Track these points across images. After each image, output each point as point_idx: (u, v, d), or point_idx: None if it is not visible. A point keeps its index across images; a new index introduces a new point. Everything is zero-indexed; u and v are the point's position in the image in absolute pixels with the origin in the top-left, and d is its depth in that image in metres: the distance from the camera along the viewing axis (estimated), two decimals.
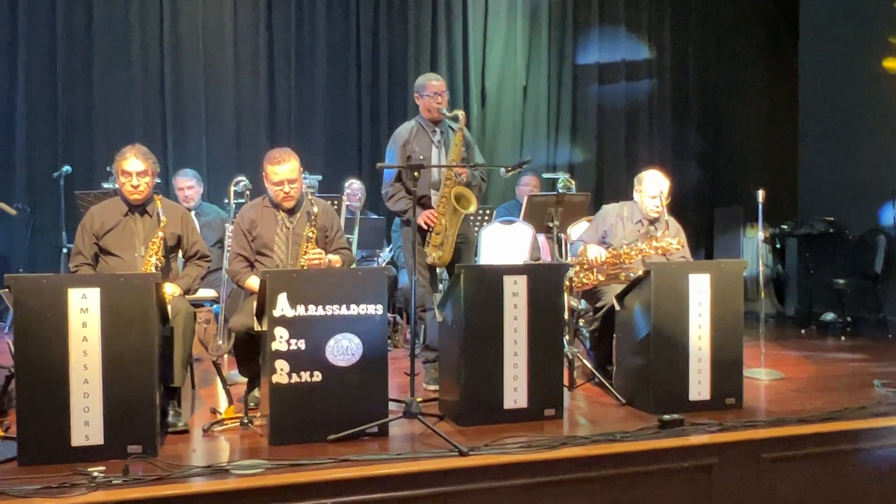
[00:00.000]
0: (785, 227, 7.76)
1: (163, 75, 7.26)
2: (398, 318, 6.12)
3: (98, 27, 7.05)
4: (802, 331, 7.04)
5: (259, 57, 7.56)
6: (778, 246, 8.12)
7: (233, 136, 7.53)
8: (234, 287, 4.87)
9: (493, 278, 3.81)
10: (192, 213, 5.82)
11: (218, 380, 4.48)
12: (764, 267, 5.23)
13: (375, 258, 6.56)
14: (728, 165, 9.39)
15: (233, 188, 5.57)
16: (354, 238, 5.96)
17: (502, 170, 4.46)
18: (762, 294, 5.25)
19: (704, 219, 9.05)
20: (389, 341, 5.99)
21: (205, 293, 5.53)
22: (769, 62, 9.35)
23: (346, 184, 6.51)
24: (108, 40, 7.11)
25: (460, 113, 4.45)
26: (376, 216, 6.89)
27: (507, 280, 3.81)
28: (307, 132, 7.71)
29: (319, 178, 5.76)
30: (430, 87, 4.53)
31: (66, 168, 6.05)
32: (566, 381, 4.41)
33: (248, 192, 5.24)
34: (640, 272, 4.16)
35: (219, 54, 7.48)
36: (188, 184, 5.83)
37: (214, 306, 5.63)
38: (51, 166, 6.71)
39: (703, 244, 9.02)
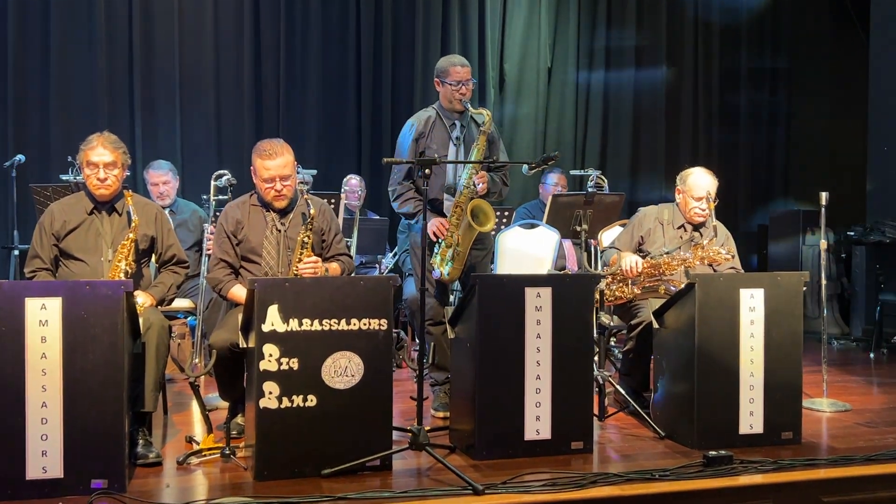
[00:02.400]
0: (852, 233, 7.77)
1: (131, 49, 7.29)
2: (402, 333, 6.16)
3: None
4: (871, 354, 7.05)
5: (243, 30, 7.60)
6: (843, 255, 8.12)
7: (212, 122, 7.58)
8: (214, 297, 4.92)
9: (512, 290, 3.85)
10: (167, 210, 5.89)
11: (194, 404, 4.53)
12: (826, 280, 5.23)
13: (377, 264, 6.61)
14: (786, 161, 9.41)
15: (214, 183, 5.63)
16: (353, 241, 6.00)
17: (525, 167, 4.50)
18: (824, 311, 5.25)
19: (757, 223, 9.08)
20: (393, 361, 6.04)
21: (179, 303, 5.58)
22: (836, 45, 9.37)
23: (345, 179, 6.55)
24: (67, 7, 7.12)
25: (486, 113, 4.48)
26: (378, 217, 6.95)
27: (529, 293, 3.85)
28: (298, 119, 7.76)
29: (314, 172, 5.81)
30: (454, 73, 4.55)
31: (19, 157, 6.11)
32: (595, 410, 4.46)
33: (231, 188, 5.29)
34: (683, 285, 4.19)
35: (197, 27, 7.52)
36: (163, 178, 5.88)
37: (190, 318, 5.68)
38: None
39: (756, 252, 9.07)
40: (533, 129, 8.45)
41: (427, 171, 3.82)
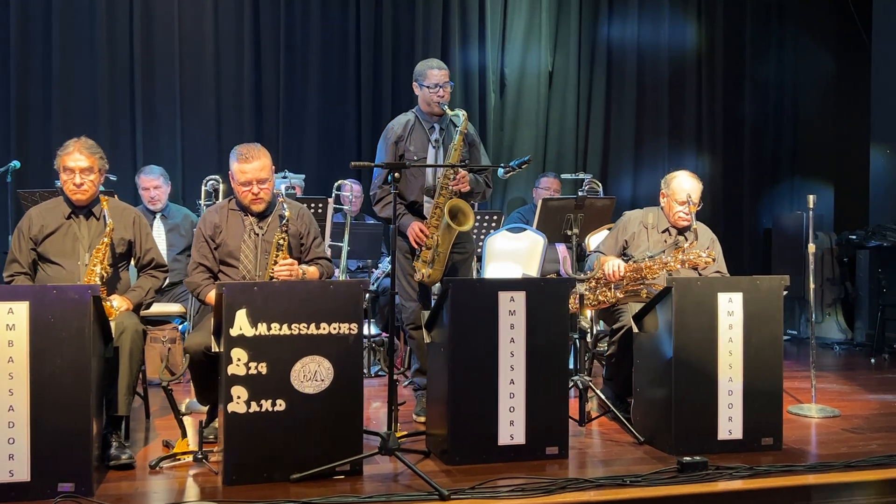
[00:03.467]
0: (853, 237, 7.67)
1: (132, 56, 7.33)
2: (395, 338, 6.13)
3: (57, 0, 7.13)
4: (872, 360, 6.95)
5: (244, 36, 7.62)
6: (845, 260, 8.02)
7: (212, 127, 7.59)
8: None
9: (485, 294, 3.82)
10: (158, 215, 5.93)
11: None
12: (814, 284, 5.15)
13: (372, 269, 6.59)
14: (790, 166, 9.31)
15: (204, 188, 5.65)
16: (345, 245, 5.99)
17: (500, 171, 4.47)
18: (814, 316, 5.18)
19: (763, 227, 8.99)
20: (384, 365, 6.02)
21: (170, 308, 5.61)
22: (838, 48, 9.27)
23: (336, 184, 6.52)
24: (69, 14, 7.18)
25: (462, 112, 4.47)
26: (375, 221, 6.93)
27: (503, 296, 3.82)
28: (298, 125, 7.75)
29: (303, 176, 5.80)
30: (431, 76, 4.54)
31: (14, 163, 6.16)
32: (577, 415, 4.43)
33: (215, 192, 5.29)
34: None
35: (197, 33, 7.54)
36: (154, 182, 5.92)
37: (183, 325, 5.70)
38: (1, 161, 6.82)
39: (761, 257, 8.98)
40: (534, 133, 8.39)
41: (396, 174, 3.80)
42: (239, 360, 3.47)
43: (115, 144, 7.33)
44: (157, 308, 5.53)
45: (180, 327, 5.72)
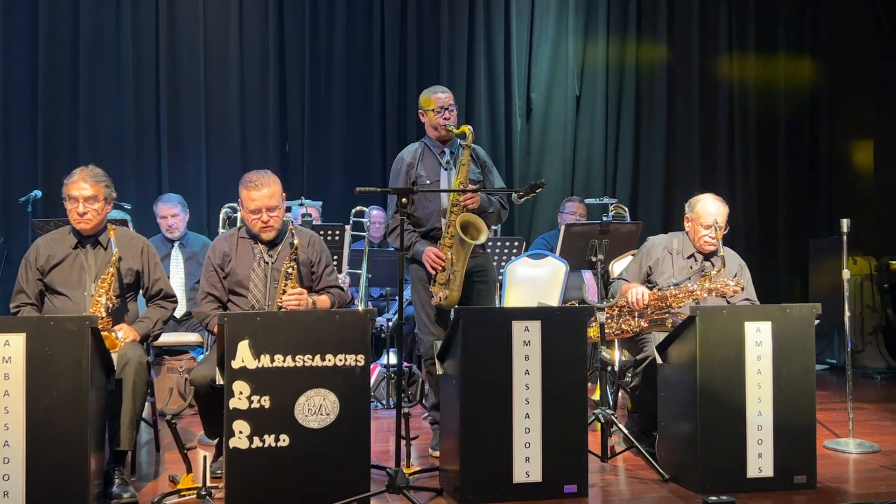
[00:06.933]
0: (894, 261, 7.38)
1: (158, 86, 7.34)
2: (415, 367, 5.99)
3: (84, 32, 7.16)
4: None
5: (268, 65, 7.59)
6: (885, 286, 7.71)
7: (238, 155, 7.54)
8: None
9: (498, 324, 3.67)
10: (176, 244, 5.86)
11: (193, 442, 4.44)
12: (849, 312, 4.92)
13: (393, 298, 6.45)
14: (826, 187, 9.02)
15: (221, 216, 5.57)
16: (363, 273, 5.86)
17: (514, 195, 4.32)
18: (849, 344, 4.94)
19: (798, 252, 8.70)
20: (404, 396, 5.86)
21: (188, 338, 5.52)
22: (876, 61, 8.99)
23: (353, 211, 6.42)
24: (96, 47, 7.21)
25: (467, 129, 4.35)
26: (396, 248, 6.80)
27: (517, 326, 3.66)
28: (323, 152, 7.69)
29: (320, 203, 5.70)
30: (435, 100, 4.46)
31: (35, 193, 6.14)
32: (599, 451, 4.23)
33: (228, 221, 5.20)
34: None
35: (222, 62, 7.53)
36: (171, 211, 5.86)
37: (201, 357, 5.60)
38: (28, 190, 6.82)
39: (798, 283, 8.70)
40: (561, 158, 8.22)
41: (404, 199, 3.69)
42: (241, 393, 3.35)
43: (142, 174, 7.33)
44: (175, 338, 5.46)
45: (198, 357, 5.62)
